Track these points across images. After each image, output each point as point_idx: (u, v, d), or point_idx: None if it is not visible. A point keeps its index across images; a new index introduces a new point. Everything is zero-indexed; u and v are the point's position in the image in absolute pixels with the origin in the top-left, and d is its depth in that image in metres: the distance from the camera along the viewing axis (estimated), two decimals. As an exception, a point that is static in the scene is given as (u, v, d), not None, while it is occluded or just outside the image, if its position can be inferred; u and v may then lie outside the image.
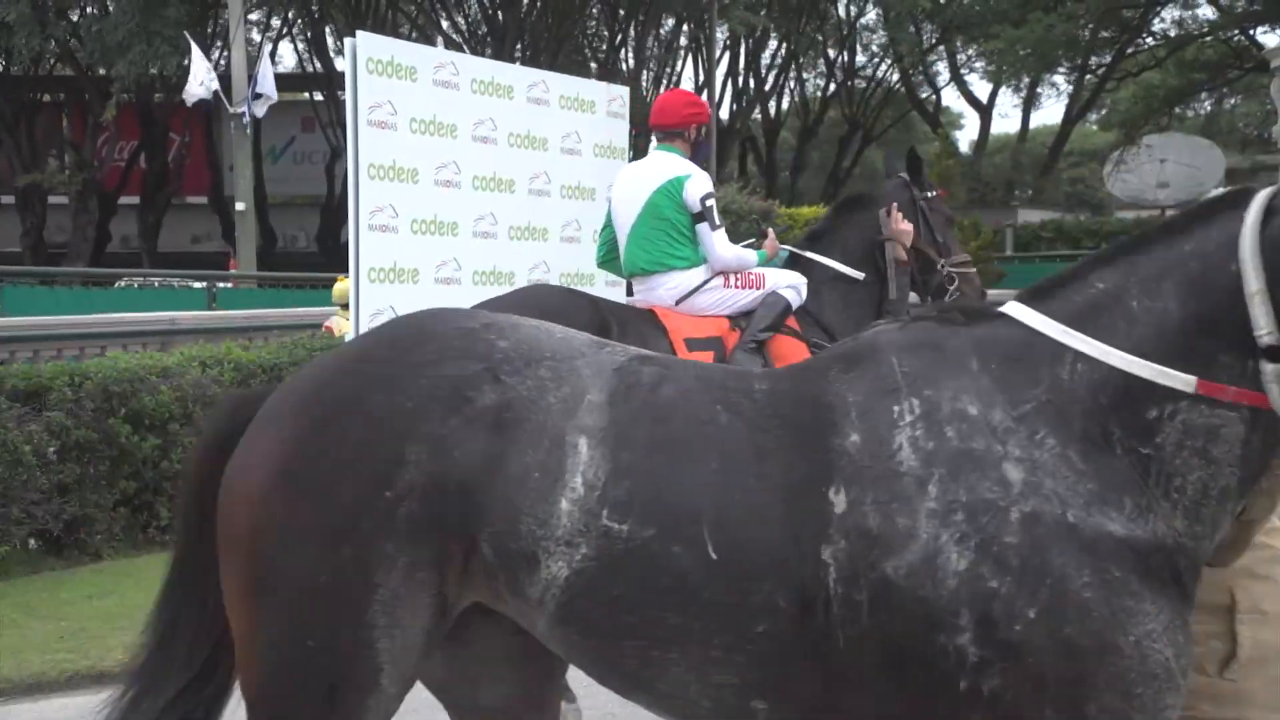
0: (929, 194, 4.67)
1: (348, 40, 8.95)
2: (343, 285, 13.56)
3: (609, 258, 4.90)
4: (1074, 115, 36.03)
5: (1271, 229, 2.01)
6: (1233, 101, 38.21)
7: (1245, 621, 2.37)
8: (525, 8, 29.37)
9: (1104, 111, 36.91)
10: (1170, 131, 27.72)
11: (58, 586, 6.41)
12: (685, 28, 33.51)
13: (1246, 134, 36.75)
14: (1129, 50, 28.72)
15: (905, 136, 42.96)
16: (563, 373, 2.18)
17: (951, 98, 41.47)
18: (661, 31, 35.01)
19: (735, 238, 4.78)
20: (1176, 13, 29.61)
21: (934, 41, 36.18)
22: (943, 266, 4.56)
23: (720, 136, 32.41)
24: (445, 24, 31.91)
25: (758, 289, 4.52)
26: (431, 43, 27.56)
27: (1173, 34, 28.30)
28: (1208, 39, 26.59)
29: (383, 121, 8.92)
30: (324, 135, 32.97)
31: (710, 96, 31.07)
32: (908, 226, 4.52)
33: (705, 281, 4.53)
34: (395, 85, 9.00)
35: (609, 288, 10.82)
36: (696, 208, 4.52)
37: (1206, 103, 38.27)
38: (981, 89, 39.89)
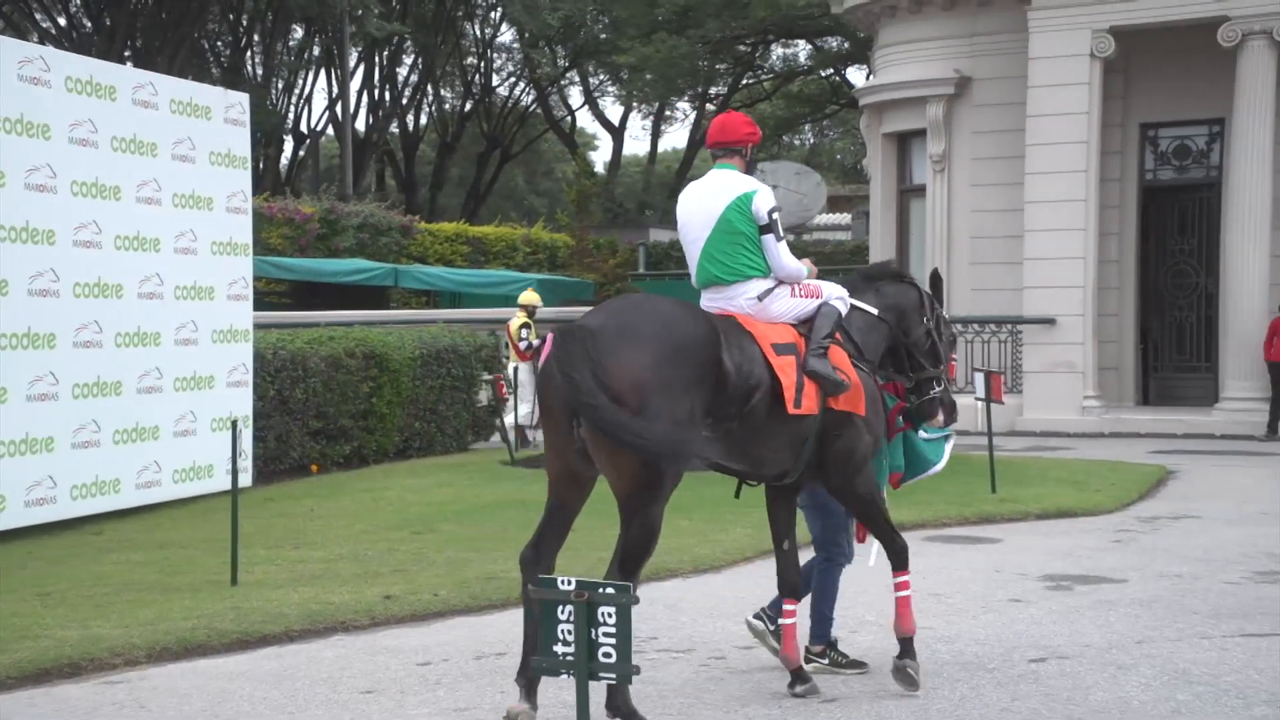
0: (939, 309, 5.65)
1: (-91, 25, 7.85)
2: (530, 295, 14.24)
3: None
4: (697, 140, 38.44)
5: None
6: (831, 135, 42.31)
7: None
8: (134, 5, 27.31)
9: (723, 138, 39.48)
10: (781, 159, 30.21)
11: None
12: (318, 37, 32.45)
13: (844, 165, 40.75)
14: (743, 82, 31.28)
15: (541, 156, 43.95)
16: None
17: (586, 119, 42.89)
18: (291, 40, 33.69)
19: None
20: (783, 51, 32.56)
21: (566, 65, 37.30)
22: (939, 376, 5.48)
23: (356, 149, 31.64)
24: (40, 17, 29.02)
25: (817, 299, 5.18)
26: (24, 38, 24.91)
27: (780, 70, 31.25)
28: (810, 76, 29.63)
29: (-42, 118, 7.91)
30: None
31: (345, 108, 30.29)
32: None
33: (774, 288, 5.10)
34: (-28, 78, 8.02)
35: (230, 301, 10.20)
36: (764, 220, 5.04)
37: (810, 135, 42.14)
38: (614, 112, 41.62)
